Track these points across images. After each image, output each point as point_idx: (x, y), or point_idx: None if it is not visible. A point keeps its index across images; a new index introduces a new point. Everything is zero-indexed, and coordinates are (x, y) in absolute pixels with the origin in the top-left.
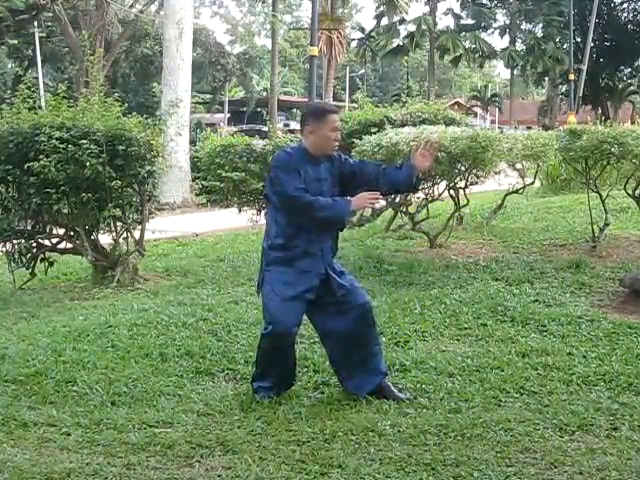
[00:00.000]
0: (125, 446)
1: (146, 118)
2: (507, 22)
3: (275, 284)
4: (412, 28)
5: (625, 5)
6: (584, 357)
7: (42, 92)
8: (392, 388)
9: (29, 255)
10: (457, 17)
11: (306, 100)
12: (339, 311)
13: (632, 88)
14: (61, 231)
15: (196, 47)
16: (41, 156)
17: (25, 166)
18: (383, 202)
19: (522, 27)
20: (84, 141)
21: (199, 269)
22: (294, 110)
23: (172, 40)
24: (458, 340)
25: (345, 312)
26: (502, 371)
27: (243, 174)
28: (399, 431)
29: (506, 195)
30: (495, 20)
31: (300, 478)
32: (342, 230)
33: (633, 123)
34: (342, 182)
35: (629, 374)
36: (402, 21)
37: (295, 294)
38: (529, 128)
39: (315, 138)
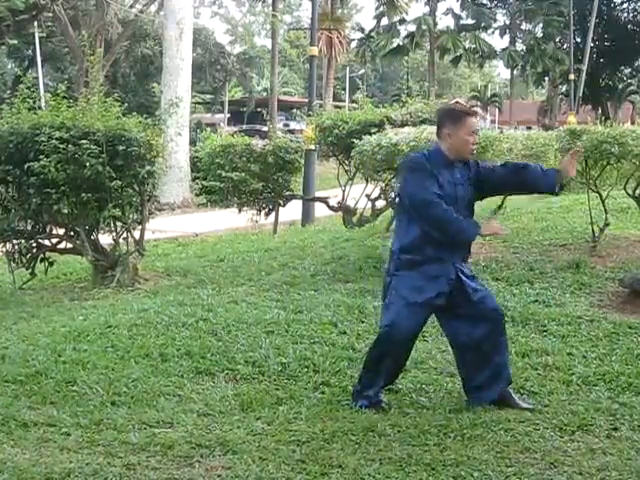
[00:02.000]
0: (125, 446)
1: (146, 118)
2: (507, 22)
3: (402, 289)
4: (412, 28)
5: (625, 5)
6: (584, 357)
7: (42, 92)
8: (514, 396)
9: (29, 255)
10: (457, 17)
11: (306, 100)
12: (473, 317)
13: (632, 88)
14: (61, 231)
15: (196, 47)
16: (41, 156)
17: (25, 166)
18: (508, 231)
19: (522, 27)
20: (84, 141)
21: (199, 269)
22: (294, 110)
23: (172, 40)
24: None
25: (479, 318)
26: None
27: (243, 174)
28: (399, 431)
29: (506, 195)
30: (495, 20)
31: (300, 478)
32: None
33: (633, 123)
34: (476, 186)
35: (629, 374)
36: (402, 21)
37: (422, 300)
38: (529, 128)
39: (452, 141)
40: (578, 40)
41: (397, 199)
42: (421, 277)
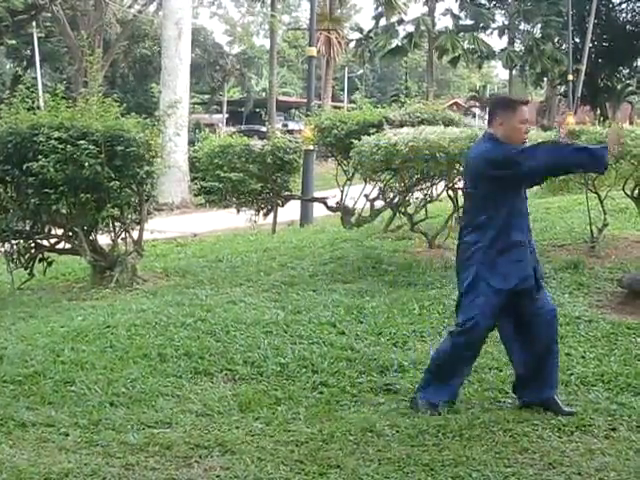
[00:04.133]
0: (124, 446)
1: (145, 118)
2: (506, 23)
3: (487, 277)
4: (411, 29)
5: (624, 6)
6: (582, 357)
7: (40, 92)
8: (559, 403)
9: (27, 255)
10: (456, 17)
11: (305, 101)
12: (533, 314)
13: (631, 89)
14: (59, 231)
15: (195, 47)
16: (40, 156)
17: (24, 166)
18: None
19: (521, 28)
20: (83, 141)
21: (198, 269)
22: (293, 110)
23: (171, 40)
24: None
25: (538, 316)
26: (500, 372)
27: (242, 174)
28: (398, 431)
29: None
30: (494, 21)
31: (299, 478)
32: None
33: (632, 123)
34: None
35: (627, 374)
36: (400, 22)
37: (509, 288)
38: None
39: (505, 129)
40: (577, 40)
41: (466, 190)
42: (505, 263)
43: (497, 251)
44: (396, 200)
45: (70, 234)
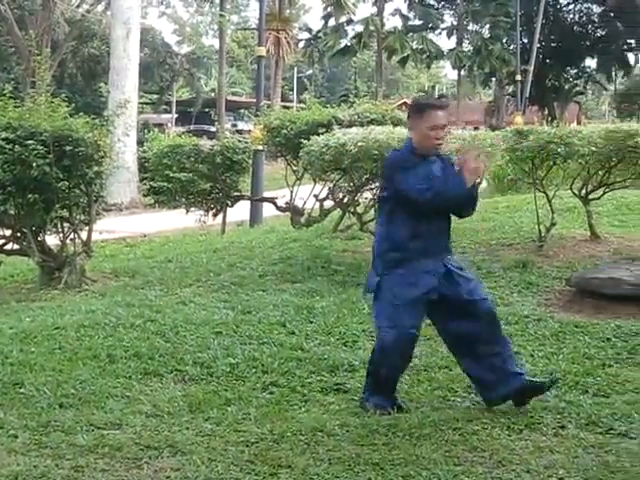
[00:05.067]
0: (73, 448)
1: (93, 118)
2: (454, 23)
3: (395, 287)
4: (360, 29)
5: (571, 6)
6: (531, 356)
7: None
8: (536, 381)
9: None
10: (404, 18)
11: (254, 101)
12: (465, 311)
13: (578, 89)
14: (7, 232)
15: (143, 47)
16: None
17: None
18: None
19: (469, 28)
20: (31, 142)
21: (147, 270)
22: (242, 110)
23: (119, 40)
24: None
25: (471, 312)
26: (450, 370)
27: (191, 175)
28: (348, 431)
29: None
30: (442, 21)
31: (249, 479)
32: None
33: (579, 123)
34: None
35: (576, 373)
36: (349, 22)
37: (416, 295)
38: (476, 128)
39: (415, 135)
40: (525, 41)
41: (380, 199)
42: (412, 273)
43: (404, 260)
44: (345, 200)
45: (18, 235)
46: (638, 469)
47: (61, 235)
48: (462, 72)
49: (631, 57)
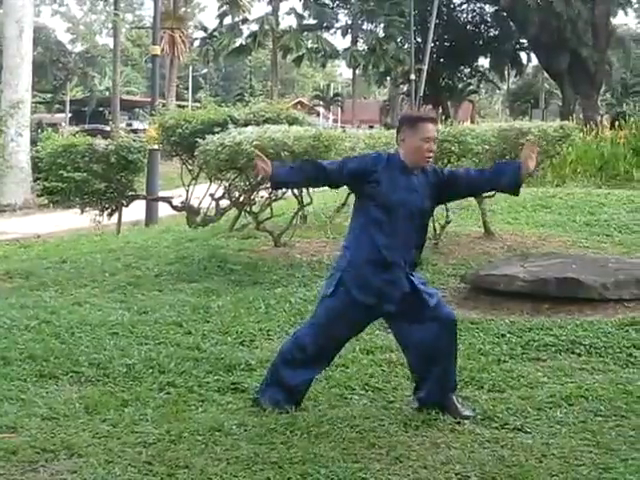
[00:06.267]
0: None
1: None
2: (349, 22)
3: (348, 287)
4: (255, 28)
5: (464, 6)
6: None
7: None
8: (456, 403)
9: None
10: (300, 17)
11: (149, 100)
12: (424, 324)
13: (472, 87)
14: None
15: (36, 46)
16: None
17: None
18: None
19: (364, 27)
20: None
21: (41, 271)
22: (137, 110)
23: (12, 39)
24: None
25: (430, 325)
26: (347, 368)
27: (85, 174)
28: (246, 430)
29: (349, 194)
30: (337, 20)
31: None
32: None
33: (473, 122)
34: (438, 194)
35: (471, 369)
36: (245, 20)
37: (362, 302)
38: (371, 127)
39: (406, 147)
40: (419, 40)
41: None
42: (369, 279)
43: (361, 262)
44: (241, 199)
45: None
46: (533, 463)
47: None
48: (357, 71)
49: (523, 56)
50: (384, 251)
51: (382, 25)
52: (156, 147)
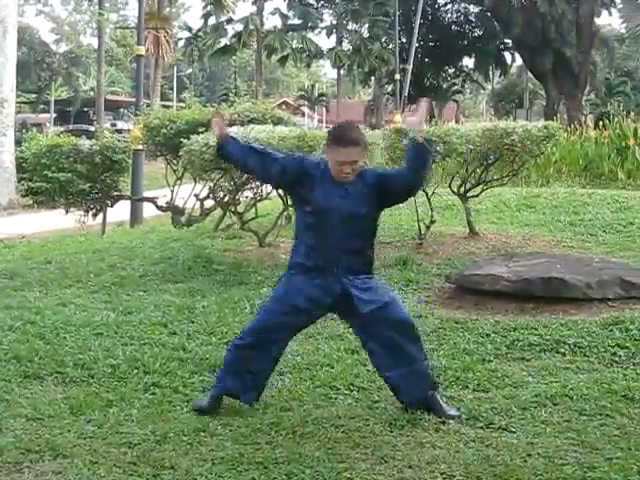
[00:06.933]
0: None
1: None
2: (334, 22)
3: (286, 288)
4: (239, 28)
5: (449, 6)
6: None
7: None
8: (441, 403)
9: None
10: (284, 17)
11: (133, 100)
12: (367, 328)
13: (456, 87)
14: None
15: (20, 46)
16: None
17: None
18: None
19: (349, 27)
20: None
21: (26, 271)
22: (121, 110)
23: None
24: None
25: (378, 329)
26: (332, 368)
27: (70, 175)
28: (231, 430)
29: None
30: (322, 20)
31: None
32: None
33: (457, 122)
34: (379, 196)
35: (456, 368)
36: (229, 21)
37: (294, 304)
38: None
39: (328, 160)
40: (404, 40)
41: None
42: (305, 283)
43: (296, 267)
44: (226, 199)
45: None
46: (518, 462)
47: None
48: (342, 71)
49: (508, 56)
50: (314, 256)
51: (367, 25)
52: (140, 147)
